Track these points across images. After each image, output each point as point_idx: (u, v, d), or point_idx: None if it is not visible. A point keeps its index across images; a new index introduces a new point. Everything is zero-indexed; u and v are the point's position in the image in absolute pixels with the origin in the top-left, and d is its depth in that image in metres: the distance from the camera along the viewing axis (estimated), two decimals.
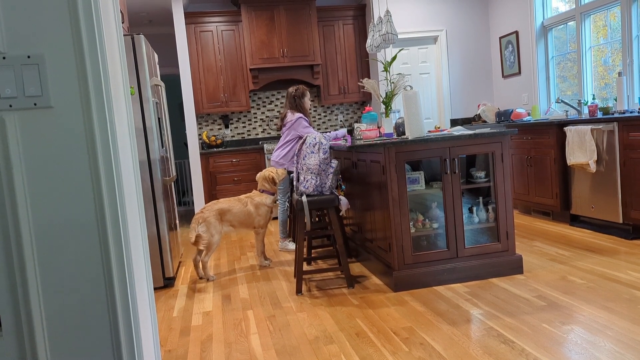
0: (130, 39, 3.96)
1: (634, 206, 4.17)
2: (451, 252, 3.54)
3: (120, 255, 1.43)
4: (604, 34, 5.52)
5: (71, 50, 1.27)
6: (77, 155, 1.30)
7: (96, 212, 1.34)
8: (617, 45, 5.27)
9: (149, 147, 4.10)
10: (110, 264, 1.41)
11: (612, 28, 5.37)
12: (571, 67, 6.02)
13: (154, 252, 4.13)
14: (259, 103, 7.47)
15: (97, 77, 1.30)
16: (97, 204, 1.34)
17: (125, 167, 1.72)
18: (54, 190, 1.30)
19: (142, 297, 1.86)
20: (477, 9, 7.18)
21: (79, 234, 1.35)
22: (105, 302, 1.41)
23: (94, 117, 1.30)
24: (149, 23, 7.93)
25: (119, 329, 1.42)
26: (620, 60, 5.24)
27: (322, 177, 3.69)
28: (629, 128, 4.14)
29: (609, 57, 5.49)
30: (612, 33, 5.37)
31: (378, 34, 4.44)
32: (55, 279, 1.34)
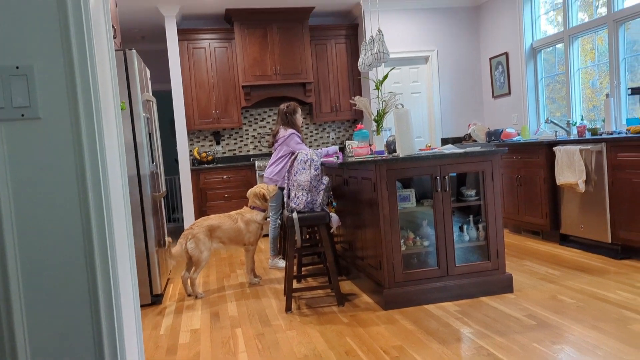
0: (122, 54, 3.96)
1: (622, 226, 4.19)
2: (442, 270, 3.53)
3: (106, 272, 1.40)
4: (591, 57, 5.61)
5: (61, 62, 1.27)
6: (65, 168, 1.29)
7: (82, 226, 1.32)
8: (605, 67, 5.35)
9: (139, 162, 4.08)
10: (95, 281, 1.38)
11: (599, 51, 5.46)
12: (560, 88, 6.10)
13: (142, 268, 4.08)
14: (250, 120, 7.48)
15: (87, 89, 1.30)
16: (84, 219, 1.32)
17: (113, 182, 1.70)
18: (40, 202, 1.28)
19: (128, 315, 1.83)
20: (467, 30, 7.28)
21: (65, 248, 1.33)
22: (89, 319, 1.38)
23: (82, 130, 1.29)
24: (141, 39, 7.96)
25: (104, 347, 1.39)
26: (607, 82, 5.32)
27: (313, 194, 3.68)
28: (616, 149, 4.18)
29: (596, 80, 5.57)
30: (599, 56, 5.46)
31: (370, 52, 4.48)
32: (40, 294, 1.31)
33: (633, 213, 4.07)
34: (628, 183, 4.10)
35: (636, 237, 4.06)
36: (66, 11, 1.30)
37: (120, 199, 1.76)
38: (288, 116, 4.91)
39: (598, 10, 5.39)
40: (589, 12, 5.56)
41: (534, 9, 6.34)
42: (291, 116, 4.91)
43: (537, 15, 6.32)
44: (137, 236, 4.09)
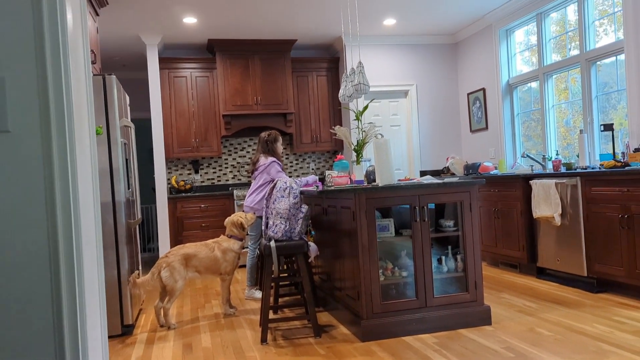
0: (101, 78, 3.94)
1: (597, 259, 4.23)
2: (420, 302, 3.49)
3: (72, 301, 1.34)
4: (565, 96, 5.76)
5: (34, 77, 1.24)
6: (33, 185, 1.24)
7: (50, 253, 1.27)
8: (578, 107, 5.50)
9: (114, 188, 4.00)
10: (61, 311, 1.32)
11: (572, 92, 5.61)
12: (535, 126, 6.23)
13: (113, 297, 3.96)
14: (230, 149, 7.45)
15: (60, 108, 1.27)
16: (52, 244, 1.27)
17: (84, 202, 1.65)
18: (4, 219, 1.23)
19: (94, 346, 1.75)
20: (446, 65, 7.45)
21: (30, 273, 1.27)
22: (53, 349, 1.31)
23: (53, 147, 1.25)
24: (122, 67, 7.95)
25: None
26: (580, 121, 5.45)
27: (291, 222, 3.64)
28: (591, 183, 4.25)
29: (570, 119, 5.72)
30: (572, 96, 5.61)
31: (350, 84, 4.53)
32: None
33: (608, 247, 4.12)
34: (602, 217, 4.15)
35: (611, 270, 4.09)
36: (42, 29, 1.28)
37: (92, 226, 1.71)
38: (269, 144, 4.90)
39: (571, 52, 5.57)
40: (562, 53, 5.74)
41: (510, 47, 6.52)
42: (272, 144, 4.90)
43: (513, 53, 6.51)
44: (110, 264, 3.98)
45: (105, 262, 3.96)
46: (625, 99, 4.89)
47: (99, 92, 3.93)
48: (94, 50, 4.48)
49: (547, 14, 5.85)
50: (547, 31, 5.89)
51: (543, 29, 5.89)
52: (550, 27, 5.88)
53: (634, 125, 4.64)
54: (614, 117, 5.11)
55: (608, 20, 5.12)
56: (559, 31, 5.78)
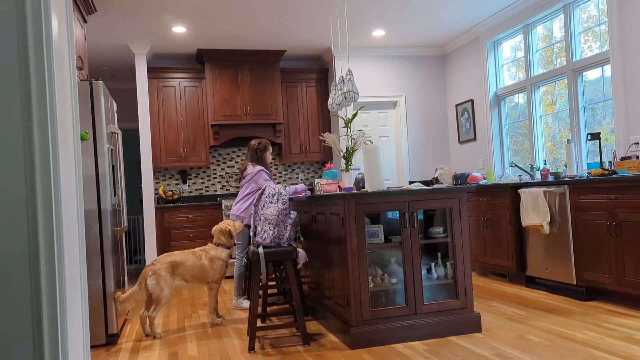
0: (88, 84, 3.90)
1: (586, 268, 4.23)
2: (410, 309, 3.46)
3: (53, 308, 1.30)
4: (552, 110, 5.81)
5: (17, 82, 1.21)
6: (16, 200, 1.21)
7: (30, 262, 1.23)
8: (564, 122, 5.54)
9: (100, 194, 3.94)
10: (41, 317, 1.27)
11: (559, 106, 5.66)
12: (522, 141, 6.28)
13: (98, 306, 3.88)
14: (219, 159, 7.41)
15: (44, 120, 1.24)
16: (32, 252, 1.23)
17: (68, 215, 1.61)
18: None
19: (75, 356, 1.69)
20: (435, 76, 7.50)
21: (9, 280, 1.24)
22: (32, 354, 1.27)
23: (35, 155, 1.22)
24: (110, 77, 7.91)
25: None
26: (568, 134, 5.50)
27: (280, 228, 3.61)
28: (579, 190, 4.27)
29: (557, 133, 5.77)
30: (560, 106, 5.66)
31: (340, 92, 4.53)
32: None
33: (596, 254, 4.12)
34: (591, 224, 4.17)
35: (600, 278, 4.09)
36: (25, 31, 1.26)
37: (75, 235, 1.67)
38: (258, 153, 4.87)
39: (557, 61, 5.64)
40: (548, 68, 5.80)
41: (498, 58, 6.59)
42: (261, 153, 4.88)
43: (501, 65, 6.57)
44: (95, 272, 3.91)
45: (90, 270, 3.88)
46: (610, 115, 4.94)
47: (85, 98, 3.89)
48: (82, 56, 4.45)
49: (534, 26, 5.92)
50: (534, 43, 5.96)
51: (530, 41, 5.96)
52: (537, 41, 5.95)
53: (621, 134, 4.68)
54: (597, 130, 5.15)
55: (593, 37, 5.19)
56: (546, 42, 5.85)
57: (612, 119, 4.88)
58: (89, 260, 3.90)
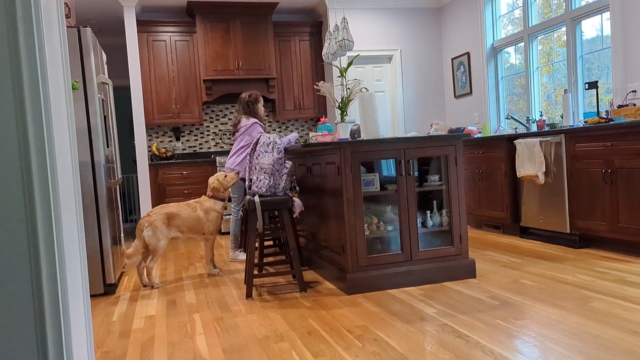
0: (76, 31, 3.79)
1: (580, 216, 4.26)
2: (405, 255, 3.48)
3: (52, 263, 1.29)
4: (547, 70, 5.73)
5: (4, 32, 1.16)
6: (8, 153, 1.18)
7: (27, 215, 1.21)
8: (562, 73, 5.47)
9: (92, 146, 3.89)
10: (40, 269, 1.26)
11: (556, 70, 5.58)
12: (519, 97, 6.21)
13: (95, 257, 3.88)
14: (212, 115, 7.33)
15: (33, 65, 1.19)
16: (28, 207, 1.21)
17: (62, 167, 1.57)
18: None
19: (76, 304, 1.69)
20: (430, 30, 7.37)
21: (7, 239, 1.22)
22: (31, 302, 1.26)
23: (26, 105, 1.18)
24: (99, 32, 7.71)
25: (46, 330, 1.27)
26: (560, 98, 5.44)
27: (275, 178, 3.59)
28: (575, 139, 4.26)
29: (552, 93, 5.70)
30: (555, 74, 5.58)
31: (334, 40, 4.43)
32: None
33: (591, 202, 4.14)
34: (586, 173, 4.17)
35: (594, 226, 4.13)
36: None
37: (70, 183, 1.64)
38: (250, 105, 4.80)
39: (556, 10, 5.53)
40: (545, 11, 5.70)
41: (495, 10, 6.46)
42: (253, 105, 4.81)
43: (498, 16, 6.45)
44: (91, 224, 3.89)
45: (85, 222, 3.87)
46: (607, 73, 4.88)
47: (74, 46, 3.78)
48: (68, 3, 4.31)
49: None
50: None
51: None
52: None
53: (619, 82, 4.64)
54: (593, 93, 5.09)
55: None
56: None
57: (608, 76, 4.82)
58: (85, 212, 3.88)
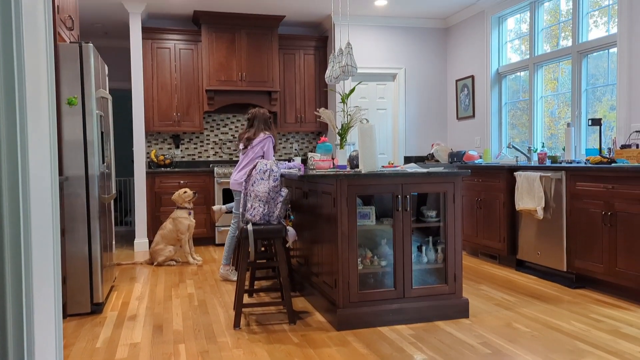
0: (77, 47, 3.75)
1: (578, 255, 4.21)
2: (398, 292, 3.43)
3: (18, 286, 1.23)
4: (552, 86, 5.70)
5: None
6: None
7: None
8: (564, 97, 5.43)
9: (88, 161, 3.85)
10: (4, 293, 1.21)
11: (560, 82, 5.54)
12: (520, 115, 6.17)
13: (83, 274, 3.84)
14: (212, 125, 7.28)
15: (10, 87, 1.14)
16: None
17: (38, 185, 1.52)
18: None
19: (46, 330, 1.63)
20: (436, 51, 7.32)
21: None
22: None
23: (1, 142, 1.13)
24: (104, 35, 7.67)
25: None
26: (565, 112, 5.40)
27: (270, 206, 3.54)
28: (576, 178, 4.21)
29: (555, 109, 5.66)
30: (560, 86, 5.55)
31: (338, 65, 4.39)
32: None
33: (589, 243, 4.10)
34: (585, 213, 4.12)
35: (591, 267, 4.08)
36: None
37: (48, 204, 1.59)
38: (268, 121, 4.76)
39: (562, 42, 5.49)
40: (552, 43, 5.66)
41: (501, 35, 6.42)
42: (271, 123, 4.79)
43: (504, 42, 6.40)
44: (81, 240, 3.85)
45: (76, 237, 3.83)
46: (610, 92, 4.83)
47: (74, 61, 3.75)
48: (72, 16, 4.27)
49: (541, 2, 5.74)
50: (540, 20, 5.79)
51: (536, 18, 5.78)
52: (543, 18, 5.78)
53: (622, 120, 4.60)
54: (597, 109, 5.06)
55: (599, 12, 5.04)
56: (551, 21, 5.69)
57: (612, 95, 4.77)
58: (75, 227, 3.83)
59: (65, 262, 3.79)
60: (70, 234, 3.81)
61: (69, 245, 3.81)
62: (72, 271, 3.81)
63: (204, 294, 4.27)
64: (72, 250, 3.82)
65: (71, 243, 3.82)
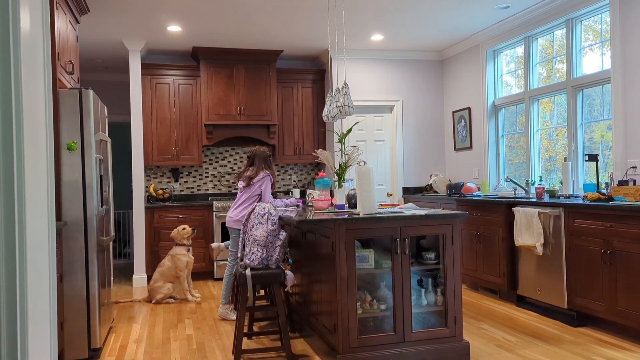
0: (78, 93, 3.79)
1: (578, 292, 4.19)
2: (398, 336, 3.41)
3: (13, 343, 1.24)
4: (549, 109, 5.72)
5: None
6: None
7: None
8: (562, 121, 5.46)
9: (86, 204, 3.85)
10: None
11: (557, 104, 5.58)
12: (519, 137, 6.18)
13: (81, 317, 3.81)
14: (211, 158, 7.31)
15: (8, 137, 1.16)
16: None
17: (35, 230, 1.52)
18: None
19: None
20: (432, 83, 7.40)
21: None
22: None
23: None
24: (104, 69, 7.76)
25: None
26: (563, 134, 5.42)
27: (268, 250, 3.54)
28: (574, 215, 4.22)
29: (553, 132, 5.68)
30: (557, 108, 5.57)
31: (335, 104, 4.43)
32: None
33: (589, 281, 4.08)
34: (585, 250, 4.12)
35: (592, 305, 4.05)
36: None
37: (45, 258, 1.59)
38: (269, 160, 4.78)
39: (557, 70, 5.54)
40: (548, 68, 5.71)
41: (497, 68, 6.49)
42: (271, 162, 4.81)
43: (500, 74, 6.47)
44: (79, 284, 3.83)
45: (73, 281, 3.81)
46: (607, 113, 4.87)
47: (74, 106, 3.78)
48: (72, 60, 4.33)
49: (535, 38, 5.82)
50: (535, 55, 5.86)
51: (530, 53, 5.86)
52: (538, 53, 5.85)
53: (618, 156, 4.62)
54: (595, 129, 5.08)
55: (594, 38, 5.10)
56: (545, 46, 5.75)
57: (609, 115, 4.79)
58: (73, 271, 3.82)
59: (62, 306, 3.76)
60: (68, 277, 3.79)
61: (66, 289, 3.79)
62: (69, 315, 3.78)
63: (202, 336, 4.24)
64: (69, 294, 3.79)
65: (69, 287, 3.80)
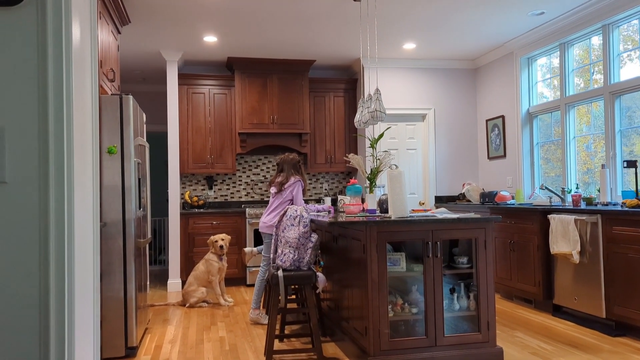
0: (118, 99, 3.94)
1: (617, 302, 4.08)
2: (430, 340, 3.39)
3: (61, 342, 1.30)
4: (587, 120, 5.63)
5: (35, 125, 1.20)
6: (27, 236, 1.20)
7: (40, 298, 1.22)
8: (600, 131, 5.36)
9: (125, 207, 3.98)
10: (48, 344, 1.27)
11: (594, 116, 5.48)
12: (555, 149, 6.08)
13: (118, 318, 3.92)
14: (245, 166, 7.43)
15: (60, 152, 1.23)
16: (43, 289, 1.22)
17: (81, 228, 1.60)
18: None
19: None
20: (465, 91, 7.36)
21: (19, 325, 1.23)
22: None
23: (50, 196, 1.21)
24: (142, 80, 8.01)
25: None
26: (601, 146, 5.32)
27: (300, 252, 3.58)
28: (612, 221, 4.12)
29: (591, 143, 5.58)
30: (594, 120, 5.48)
31: (367, 110, 4.47)
32: None
33: (629, 289, 3.97)
34: (624, 258, 4.02)
35: (632, 314, 3.94)
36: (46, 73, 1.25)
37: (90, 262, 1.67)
38: (297, 166, 4.86)
39: (594, 77, 5.45)
40: (585, 77, 5.62)
41: (532, 75, 6.42)
42: (301, 167, 4.88)
43: (534, 82, 6.40)
44: (117, 284, 3.95)
45: (111, 281, 3.94)
46: None
47: (115, 112, 3.93)
48: (114, 68, 4.50)
49: (571, 44, 5.75)
50: (570, 61, 5.78)
51: (566, 59, 5.78)
52: (574, 60, 5.77)
53: None
54: (635, 142, 4.96)
55: (632, 44, 5.00)
56: (581, 55, 5.67)
57: None
58: (111, 271, 3.94)
59: (102, 305, 3.89)
60: (106, 278, 3.92)
61: (105, 289, 3.92)
62: (107, 314, 3.90)
63: (235, 338, 4.30)
64: (108, 294, 3.92)
65: (107, 287, 3.92)
